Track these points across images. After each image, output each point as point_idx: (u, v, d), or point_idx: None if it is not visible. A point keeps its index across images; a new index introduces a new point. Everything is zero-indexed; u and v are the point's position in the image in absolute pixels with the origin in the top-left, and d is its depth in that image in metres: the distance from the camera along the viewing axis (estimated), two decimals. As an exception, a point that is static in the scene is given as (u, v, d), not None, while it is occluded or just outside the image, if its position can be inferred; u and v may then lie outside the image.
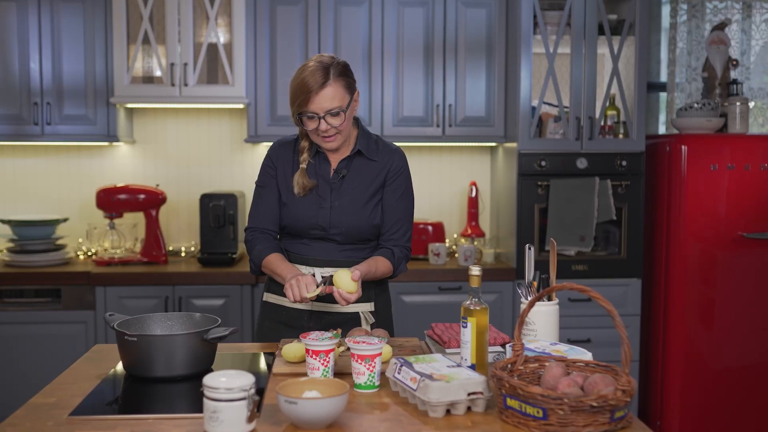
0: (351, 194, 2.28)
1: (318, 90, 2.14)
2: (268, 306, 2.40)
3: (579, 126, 3.85)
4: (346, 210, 2.27)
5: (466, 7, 3.97)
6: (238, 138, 4.27)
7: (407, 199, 2.35)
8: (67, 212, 4.19)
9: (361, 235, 2.29)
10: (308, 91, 2.14)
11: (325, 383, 1.61)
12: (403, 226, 2.34)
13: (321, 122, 2.17)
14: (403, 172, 2.34)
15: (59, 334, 3.69)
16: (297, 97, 2.17)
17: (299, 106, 2.17)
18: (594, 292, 1.57)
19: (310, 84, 2.14)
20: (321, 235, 2.29)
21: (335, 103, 2.16)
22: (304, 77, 2.15)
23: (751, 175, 3.81)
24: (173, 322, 2.05)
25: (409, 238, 2.36)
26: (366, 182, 2.30)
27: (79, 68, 3.86)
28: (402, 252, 2.33)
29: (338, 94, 2.16)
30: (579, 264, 3.89)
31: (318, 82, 2.14)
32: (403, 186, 2.34)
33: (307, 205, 2.28)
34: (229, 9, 3.83)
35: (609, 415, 1.48)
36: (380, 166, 2.31)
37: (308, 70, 2.16)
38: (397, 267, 2.32)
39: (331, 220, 2.27)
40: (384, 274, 2.29)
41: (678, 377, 3.85)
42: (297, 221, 2.29)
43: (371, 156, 2.30)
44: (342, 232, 2.27)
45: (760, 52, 4.51)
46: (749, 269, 3.84)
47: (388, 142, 2.37)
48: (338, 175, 2.29)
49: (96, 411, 1.67)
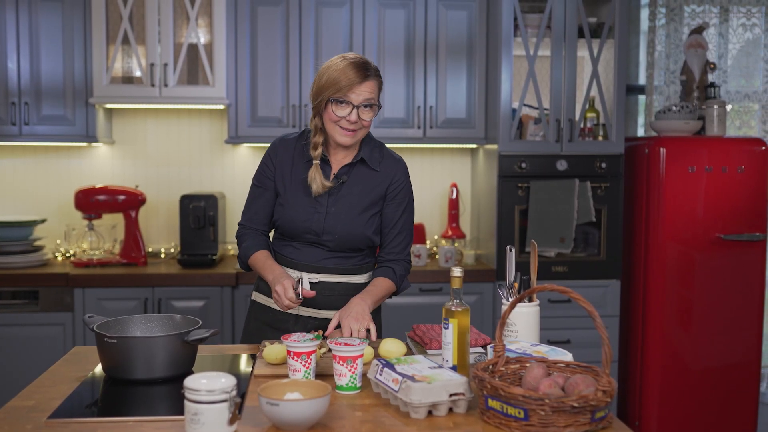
0: (348, 201, 2.25)
1: (363, 80, 2.14)
2: (255, 305, 2.40)
3: (559, 128, 3.88)
4: (341, 217, 2.24)
5: (447, 9, 3.98)
6: (219, 139, 4.25)
7: (409, 212, 2.34)
8: (45, 213, 4.15)
9: (353, 244, 2.27)
10: (353, 78, 2.13)
11: (307, 385, 1.61)
12: (405, 239, 2.32)
13: (353, 112, 2.15)
14: (405, 185, 2.31)
15: (37, 336, 3.65)
16: (336, 83, 2.13)
17: (338, 91, 2.13)
18: (575, 294, 1.58)
19: (355, 72, 2.13)
20: (313, 240, 2.26)
21: (373, 95, 2.17)
22: (347, 65, 2.14)
23: (728, 177, 3.85)
24: (153, 323, 2.04)
25: (409, 251, 2.35)
26: (365, 191, 2.27)
27: (57, 68, 3.83)
28: (403, 267, 2.32)
29: (375, 91, 2.18)
30: (559, 265, 3.91)
31: (363, 73, 2.14)
32: (405, 199, 2.32)
33: (303, 209, 2.25)
34: (210, 9, 3.82)
35: (590, 416, 1.49)
36: (382, 177, 2.28)
37: (351, 60, 2.15)
38: (400, 285, 2.32)
39: (324, 226, 2.24)
40: (387, 293, 2.28)
41: (656, 377, 3.88)
42: (290, 223, 2.26)
43: (374, 165, 2.27)
44: (334, 239, 2.25)
45: (737, 56, 4.56)
46: (726, 271, 3.88)
47: (392, 152, 2.34)
48: (338, 181, 2.26)
49: (75, 414, 1.65)
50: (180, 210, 3.90)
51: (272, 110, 3.89)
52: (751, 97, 4.57)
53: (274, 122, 3.90)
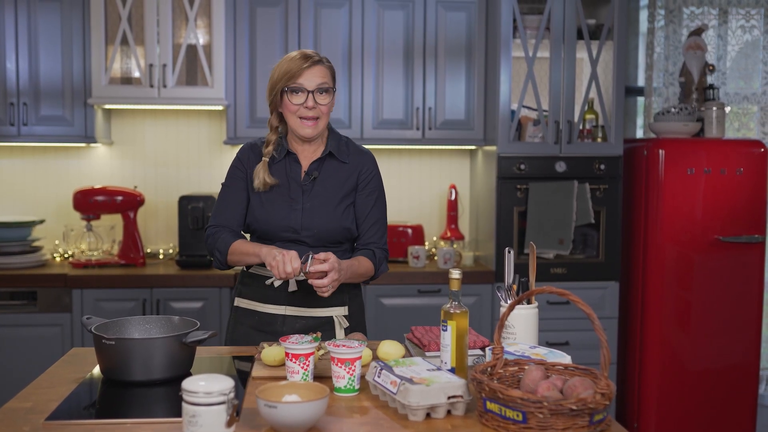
0: (323, 196, 2.28)
1: (310, 66, 2.18)
2: (240, 311, 2.37)
3: (558, 130, 3.88)
4: (317, 212, 2.26)
5: (446, 10, 3.98)
6: (217, 140, 4.25)
7: (381, 201, 2.36)
8: (44, 214, 4.14)
9: (333, 237, 2.28)
10: (300, 66, 2.17)
11: (305, 387, 1.60)
12: (380, 228, 2.34)
13: (309, 98, 2.18)
14: (375, 175, 2.34)
15: (35, 337, 3.65)
16: (287, 72, 2.18)
17: (288, 80, 2.18)
18: (574, 296, 1.58)
19: (304, 59, 2.18)
20: (292, 237, 2.27)
21: (326, 80, 2.20)
22: (295, 55, 2.19)
23: (727, 179, 3.86)
24: (151, 325, 2.03)
25: (386, 240, 2.36)
26: (338, 184, 2.29)
27: (56, 68, 3.82)
28: (381, 253, 2.33)
29: (328, 76, 2.22)
30: (557, 267, 3.91)
31: (309, 60, 2.18)
32: (376, 189, 2.34)
33: (279, 207, 2.26)
34: (209, 10, 3.81)
35: (588, 419, 1.49)
36: (351, 169, 2.31)
37: (297, 53, 2.21)
38: (378, 267, 2.32)
39: (302, 222, 2.25)
40: (366, 272, 2.28)
41: (655, 379, 3.88)
42: (267, 224, 2.27)
43: (342, 158, 2.30)
44: (313, 234, 2.26)
45: (736, 58, 4.56)
46: (725, 272, 3.88)
47: (357, 145, 2.38)
48: (309, 177, 2.28)
49: (73, 416, 1.65)
50: (178, 211, 3.90)
51: (271, 111, 3.89)
52: (750, 99, 4.57)
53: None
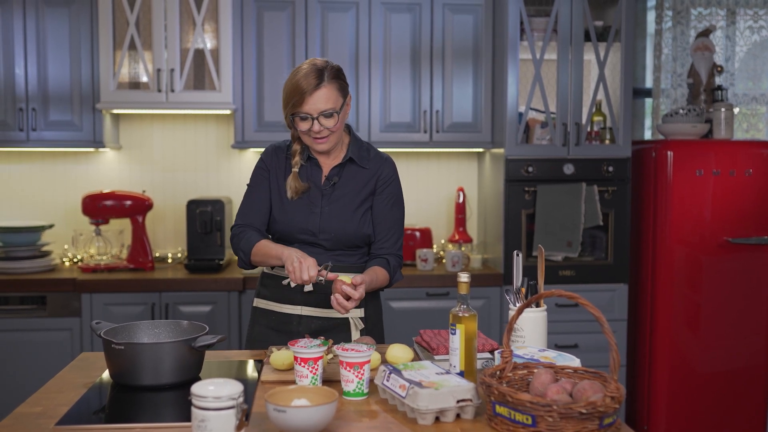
0: (342, 200, 2.30)
1: (312, 91, 2.16)
2: (258, 311, 2.41)
3: (566, 132, 3.87)
4: (336, 215, 2.28)
5: (453, 13, 3.98)
6: (225, 144, 4.25)
7: (398, 207, 2.37)
8: (53, 218, 4.16)
9: (350, 242, 2.30)
10: (302, 92, 2.16)
11: (314, 391, 1.60)
12: (395, 234, 2.35)
13: (314, 123, 2.19)
14: (393, 181, 2.35)
15: (45, 341, 3.66)
16: (290, 99, 2.19)
17: (293, 107, 2.19)
18: (583, 300, 1.57)
19: (303, 86, 2.16)
20: (310, 240, 2.29)
21: (329, 104, 2.18)
22: (297, 79, 2.18)
23: (736, 180, 3.84)
24: (161, 329, 2.04)
25: (400, 246, 2.37)
26: (356, 189, 2.31)
27: (64, 74, 3.84)
28: (396, 260, 2.34)
29: (332, 96, 2.19)
30: (566, 269, 3.90)
31: (312, 83, 2.16)
32: (394, 194, 2.35)
33: (298, 210, 2.29)
34: (216, 15, 3.82)
35: (598, 422, 1.48)
36: (370, 174, 2.32)
37: (302, 72, 2.18)
38: (393, 276, 2.33)
39: (321, 225, 2.28)
40: (382, 284, 2.29)
41: (664, 382, 3.86)
42: (287, 225, 2.30)
43: (362, 163, 2.32)
44: (331, 238, 2.28)
45: (744, 59, 4.55)
46: (735, 274, 3.86)
47: (378, 150, 2.39)
48: (330, 182, 2.31)
49: (82, 420, 1.65)
50: (187, 215, 3.91)
51: (279, 115, 3.89)
52: (758, 99, 4.55)
53: (280, 127, 3.90)
